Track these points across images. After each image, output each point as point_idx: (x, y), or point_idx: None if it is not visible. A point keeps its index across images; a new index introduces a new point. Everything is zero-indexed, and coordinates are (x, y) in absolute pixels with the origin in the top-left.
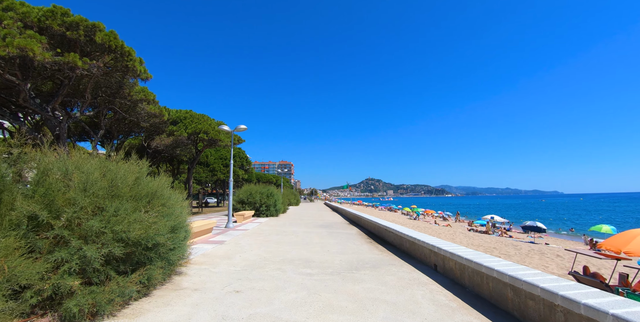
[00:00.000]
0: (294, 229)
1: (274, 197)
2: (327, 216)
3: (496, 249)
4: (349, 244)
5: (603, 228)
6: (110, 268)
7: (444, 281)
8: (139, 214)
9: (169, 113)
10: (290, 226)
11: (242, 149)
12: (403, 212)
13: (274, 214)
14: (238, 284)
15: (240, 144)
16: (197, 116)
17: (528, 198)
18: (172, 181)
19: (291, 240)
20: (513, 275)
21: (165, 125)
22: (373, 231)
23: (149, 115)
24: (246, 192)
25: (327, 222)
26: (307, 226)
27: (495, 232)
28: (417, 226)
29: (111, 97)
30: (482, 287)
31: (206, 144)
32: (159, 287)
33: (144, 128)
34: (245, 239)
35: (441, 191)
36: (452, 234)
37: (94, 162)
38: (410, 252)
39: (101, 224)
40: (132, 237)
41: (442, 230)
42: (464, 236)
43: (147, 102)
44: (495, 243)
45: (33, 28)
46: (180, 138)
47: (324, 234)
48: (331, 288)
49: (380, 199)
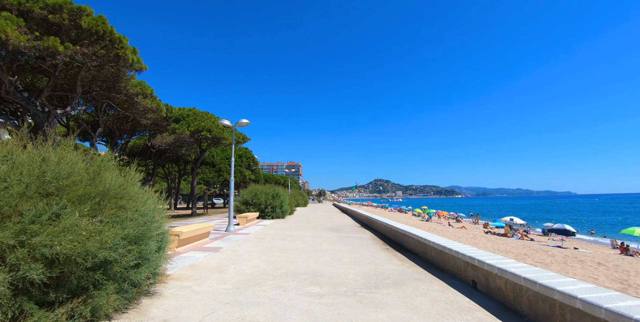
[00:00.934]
0: (301, 233)
1: (280, 198)
2: (337, 217)
3: (527, 256)
4: (363, 252)
5: (636, 231)
6: (27, 299)
7: (490, 305)
8: (70, 220)
9: (171, 110)
10: (297, 230)
11: (248, 148)
12: (414, 214)
13: (280, 216)
14: (224, 311)
15: (246, 143)
16: (200, 114)
17: (540, 199)
18: (177, 181)
19: (297, 246)
20: (616, 310)
21: (166, 122)
22: (389, 235)
23: (145, 110)
24: (251, 192)
25: (336, 225)
26: (315, 229)
27: (514, 235)
28: (434, 228)
29: (107, 92)
30: (554, 319)
31: (210, 142)
32: (117, 317)
33: (147, 127)
34: (244, 245)
35: (451, 192)
36: (472, 238)
37: None
38: (437, 263)
39: (11, 234)
40: (61, 253)
41: (459, 233)
42: (486, 239)
43: (144, 96)
44: (522, 248)
45: (12, 11)
46: (183, 136)
47: (333, 238)
48: (347, 318)
49: (389, 200)
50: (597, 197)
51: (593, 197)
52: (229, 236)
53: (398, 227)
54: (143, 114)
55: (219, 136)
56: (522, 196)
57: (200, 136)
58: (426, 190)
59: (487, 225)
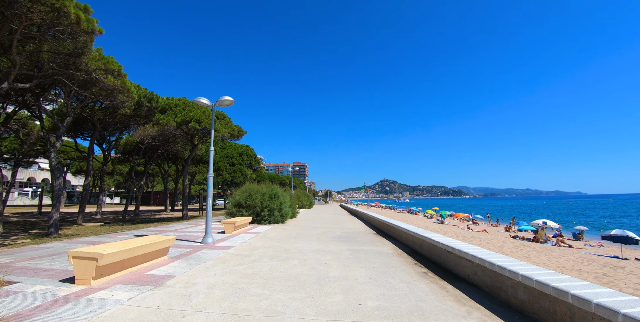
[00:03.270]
0: (301, 246)
1: (279, 199)
2: (346, 221)
3: (607, 276)
4: (394, 282)
5: None
6: None
7: None
8: None
9: (157, 100)
10: (297, 240)
11: (250, 146)
12: (425, 215)
13: (279, 220)
14: None
15: (246, 139)
16: (190, 103)
17: (550, 199)
18: (175, 181)
19: (292, 273)
20: None
21: (151, 113)
22: (421, 250)
23: (108, 89)
24: (244, 193)
25: (347, 232)
26: (320, 238)
27: (548, 241)
28: (453, 232)
29: (64, 69)
30: None
31: (201, 136)
32: None
33: (129, 118)
34: (212, 270)
35: (458, 192)
36: (516, 248)
37: None
38: (537, 312)
39: None
40: None
41: (490, 238)
42: (534, 251)
43: (105, 72)
44: (586, 262)
45: None
46: (168, 128)
47: (345, 255)
48: None
49: (396, 200)
50: (611, 197)
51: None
52: (201, 251)
53: (436, 239)
54: (105, 95)
55: (210, 128)
56: (531, 197)
57: (188, 128)
58: (433, 190)
59: (509, 228)
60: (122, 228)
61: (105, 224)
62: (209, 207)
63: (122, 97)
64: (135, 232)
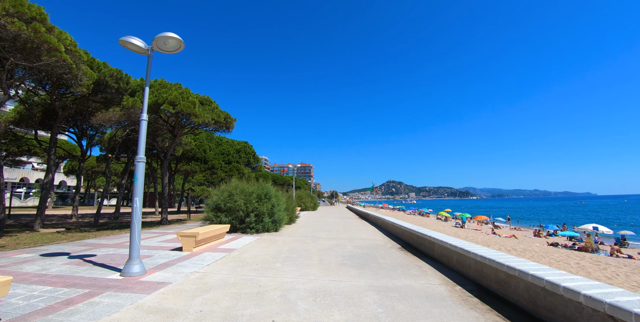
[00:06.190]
0: (290, 281)
1: (271, 200)
2: (357, 227)
3: None
4: None
5: None
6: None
7: None
8: None
9: (127, 81)
10: (286, 264)
11: (248, 143)
12: (438, 218)
13: (271, 228)
14: None
15: (232, 127)
16: (167, 85)
17: (560, 200)
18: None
19: None
20: None
21: (119, 95)
22: (499, 288)
23: (17, 42)
24: (223, 192)
25: (362, 246)
26: (323, 260)
27: (602, 251)
28: (481, 239)
29: None
30: None
31: (181, 125)
32: None
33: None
34: None
35: (465, 193)
36: (569, 258)
37: None
38: None
39: None
40: None
41: (529, 248)
42: (593, 265)
43: (10, 16)
44: None
45: None
46: (134, 111)
47: (368, 304)
48: None
49: (403, 201)
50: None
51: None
52: (96, 298)
53: (540, 275)
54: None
55: (187, 112)
56: (539, 197)
57: (160, 112)
58: (440, 191)
59: (539, 233)
60: (67, 238)
61: (67, 231)
62: (134, 214)
63: (47, 58)
64: (53, 249)
